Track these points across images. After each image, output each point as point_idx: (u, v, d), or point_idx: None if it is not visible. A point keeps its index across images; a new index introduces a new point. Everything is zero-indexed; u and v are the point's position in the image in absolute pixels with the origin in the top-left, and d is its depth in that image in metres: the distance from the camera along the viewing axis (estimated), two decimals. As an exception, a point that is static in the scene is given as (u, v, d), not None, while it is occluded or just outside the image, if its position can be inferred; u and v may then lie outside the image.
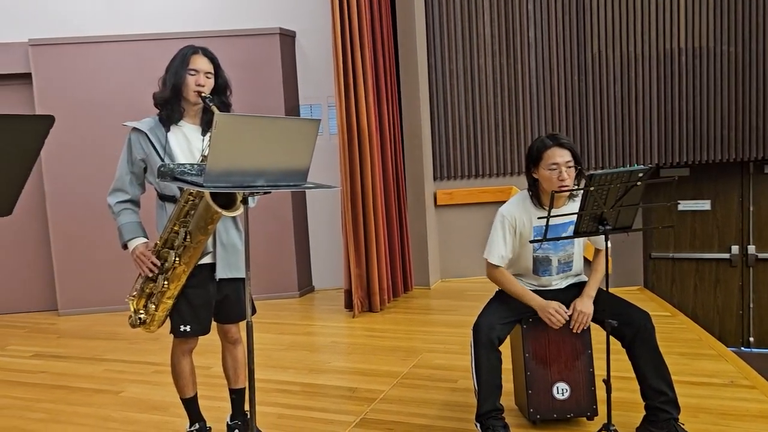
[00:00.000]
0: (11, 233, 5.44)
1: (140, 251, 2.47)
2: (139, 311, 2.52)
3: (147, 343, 4.34)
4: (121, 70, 5.16)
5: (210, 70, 2.50)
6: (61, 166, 5.23)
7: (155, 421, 3.11)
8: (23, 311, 5.53)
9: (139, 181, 2.58)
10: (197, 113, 2.56)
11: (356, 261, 4.89)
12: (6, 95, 5.39)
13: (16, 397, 3.53)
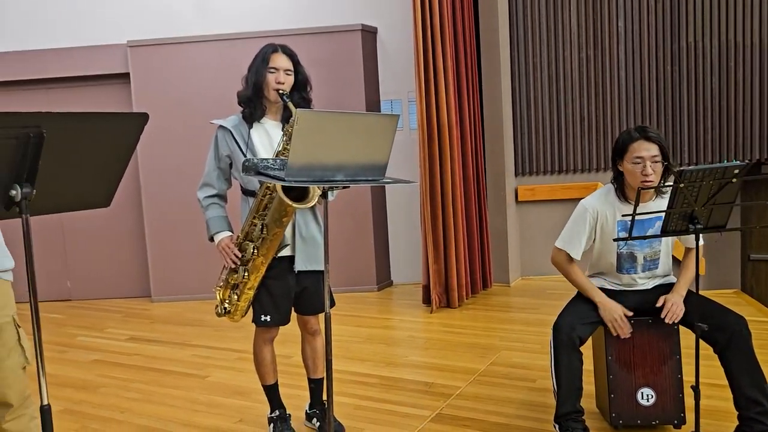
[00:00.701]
0: (110, 224, 5.81)
1: (225, 244, 2.58)
2: (224, 301, 2.63)
3: (231, 331, 4.51)
4: (210, 68, 5.38)
5: (289, 68, 2.57)
6: (156, 161, 5.52)
7: (238, 405, 3.24)
8: (120, 297, 5.90)
9: (225, 176, 2.69)
10: (278, 110, 2.63)
11: (434, 256, 4.88)
12: (106, 94, 5.74)
13: (114, 377, 3.77)
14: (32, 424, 2.11)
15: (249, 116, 2.60)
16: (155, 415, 3.17)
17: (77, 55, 5.59)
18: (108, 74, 5.64)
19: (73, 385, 3.65)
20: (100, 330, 4.85)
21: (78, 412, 3.27)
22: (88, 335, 4.72)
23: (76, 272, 5.93)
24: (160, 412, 3.21)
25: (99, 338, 4.63)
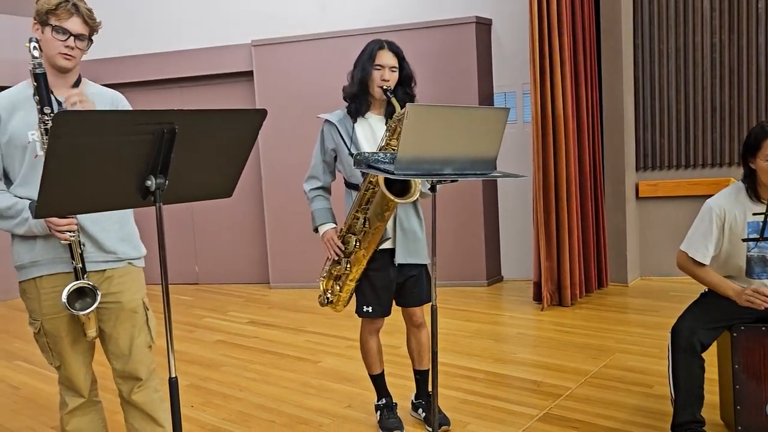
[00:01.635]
0: (232, 214, 6.18)
1: (328, 236, 2.67)
2: (327, 291, 2.73)
3: (343, 319, 4.66)
4: (328, 64, 5.56)
5: (395, 65, 2.60)
6: (276, 154, 5.80)
7: (347, 392, 3.35)
8: (241, 282, 6.26)
9: (330, 169, 2.78)
10: (382, 104, 2.69)
11: (547, 253, 4.76)
12: (231, 91, 6.10)
13: (234, 357, 4.02)
14: (156, 396, 2.31)
15: (354, 111, 2.67)
16: (270, 395, 3.35)
17: (206, 55, 5.98)
18: (233, 72, 5.99)
19: (199, 363, 3.94)
20: (223, 313, 5.18)
21: (203, 387, 3.52)
22: (213, 317, 5.06)
23: (203, 258, 6.37)
24: (274, 392, 3.39)
25: (222, 320, 4.95)
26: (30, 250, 2.07)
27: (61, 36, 2.00)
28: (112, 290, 2.16)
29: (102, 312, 2.17)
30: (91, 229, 2.10)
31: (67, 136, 1.35)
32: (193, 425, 3.03)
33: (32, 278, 2.10)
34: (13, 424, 3.19)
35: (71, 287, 1.99)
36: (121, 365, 2.24)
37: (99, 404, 2.33)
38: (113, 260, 2.16)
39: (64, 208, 1.57)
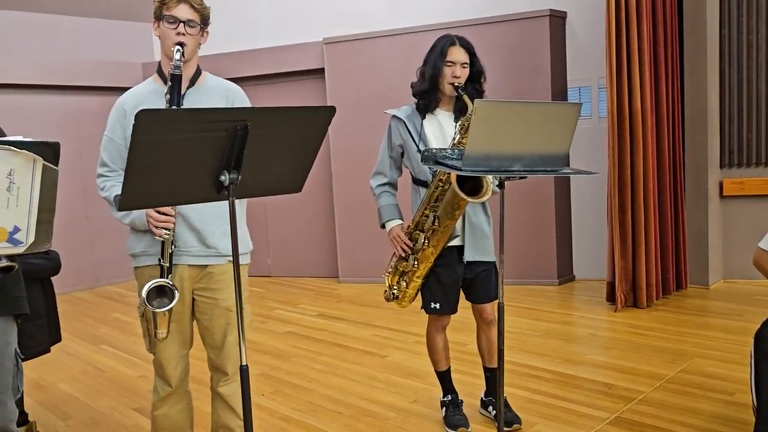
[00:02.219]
0: (303, 208, 6.31)
1: (395, 232, 2.68)
2: (393, 287, 2.75)
3: (410, 315, 4.65)
4: (398, 61, 5.58)
5: (466, 61, 2.58)
6: (346, 151, 5.88)
7: (413, 387, 3.36)
8: (311, 276, 6.39)
9: (397, 165, 2.79)
10: (451, 101, 2.67)
11: (622, 252, 4.60)
12: (303, 88, 6.23)
13: (304, 349, 4.12)
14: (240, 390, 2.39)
15: (423, 108, 2.66)
16: (338, 387, 3.41)
17: (280, 53, 6.13)
18: (306, 70, 6.11)
19: (270, 353, 4.06)
20: (294, 305, 5.31)
21: (273, 377, 3.63)
22: (284, 309, 5.19)
23: (275, 251, 6.55)
24: (342, 384, 3.45)
25: (293, 312, 5.07)
26: (140, 241, 2.21)
27: (171, 24, 2.08)
28: (212, 287, 2.25)
29: (200, 304, 2.27)
30: (196, 223, 2.18)
31: (148, 133, 1.42)
32: (264, 413, 3.12)
33: (141, 266, 2.24)
34: (98, 404, 3.39)
35: (152, 284, 2.09)
36: (213, 355, 2.33)
37: (188, 394, 2.43)
38: (214, 255, 2.23)
39: (144, 202, 1.65)
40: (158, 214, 2.07)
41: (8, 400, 1.99)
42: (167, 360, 2.30)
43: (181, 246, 2.19)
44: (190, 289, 2.25)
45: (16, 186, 1.51)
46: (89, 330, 4.87)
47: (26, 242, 1.57)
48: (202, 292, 2.26)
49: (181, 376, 2.35)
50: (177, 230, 2.16)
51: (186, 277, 2.22)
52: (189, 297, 2.26)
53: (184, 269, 2.21)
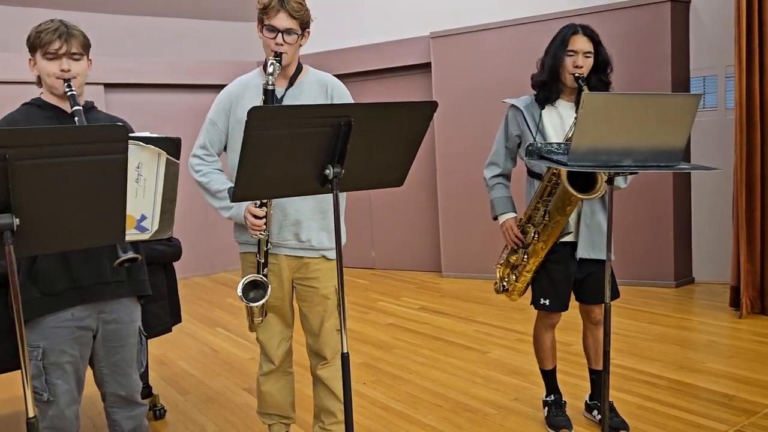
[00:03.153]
0: (407, 202, 6.36)
1: (508, 225, 2.64)
2: (503, 279, 2.71)
3: (514, 312, 4.60)
4: (507, 54, 5.48)
5: (589, 50, 2.48)
6: (451, 144, 5.86)
7: (515, 384, 3.31)
8: (414, 269, 6.44)
9: (512, 155, 2.74)
10: (573, 91, 2.56)
11: (748, 255, 4.26)
12: (409, 83, 6.27)
13: (405, 341, 4.17)
14: (338, 374, 2.48)
15: (542, 99, 2.58)
16: (437, 381, 3.42)
17: (387, 48, 6.20)
18: (412, 65, 6.14)
19: (372, 343, 4.14)
20: (396, 297, 5.38)
21: (374, 366, 3.70)
22: (387, 301, 5.27)
23: (379, 244, 6.66)
24: (442, 378, 3.46)
25: (395, 305, 5.14)
26: (244, 233, 2.36)
27: (271, 33, 2.18)
28: (309, 276, 2.37)
29: (299, 292, 2.41)
30: (293, 218, 2.31)
31: (260, 129, 1.49)
32: (365, 401, 3.20)
33: (245, 252, 2.41)
34: (212, 382, 3.62)
35: (247, 279, 2.26)
36: (311, 341, 2.46)
37: (291, 375, 2.58)
38: (308, 248, 2.34)
39: (255, 193, 1.75)
40: (253, 218, 2.19)
41: (133, 372, 2.18)
42: (268, 339, 2.46)
43: (280, 239, 2.32)
44: (290, 277, 2.39)
45: (143, 178, 1.65)
46: (206, 313, 5.20)
47: (151, 229, 1.71)
48: (301, 281, 2.39)
49: (283, 355, 2.49)
50: (277, 224, 2.28)
51: (285, 267, 2.36)
52: (289, 284, 2.40)
53: (283, 259, 2.35)
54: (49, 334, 1.96)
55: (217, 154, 2.40)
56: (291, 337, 2.52)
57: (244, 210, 2.23)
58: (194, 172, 2.39)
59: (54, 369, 1.98)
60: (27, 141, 1.27)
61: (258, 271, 2.28)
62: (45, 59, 1.94)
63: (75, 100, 1.91)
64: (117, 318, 2.09)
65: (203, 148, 2.39)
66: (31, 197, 1.30)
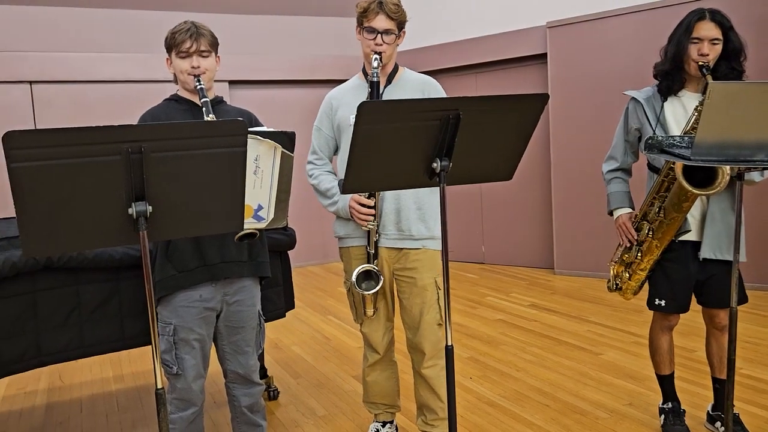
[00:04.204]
0: (519, 196, 6.23)
1: (622, 221, 2.53)
2: (616, 277, 2.60)
3: (630, 313, 4.38)
4: (630, 43, 5.21)
5: (717, 37, 2.30)
6: (566, 137, 5.66)
7: (629, 389, 3.16)
8: (525, 265, 6.30)
9: (633, 149, 2.61)
10: (699, 81, 2.40)
11: None
12: (523, 75, 6.11)
13: (513, 337, 4.10)
14: (442, 374, 2.50)
15: (665, 90, 2.44)
16: (546, 380, 3.34)
17: (501, 40, 6.09)
18: (526, 56, 5.99)
19: (480, 338, 4.11)
20: (505, 293, 5.29)
21: (481, 362, 3.68)
22: (496, 296, 5.21)
23: (489, 239, 6.57)
24: (551, 377, 3.37)
25: (504, 301, 5.06)
26: (345, 227, 2.48)
27: (370, 35, 2.29)
28: (408, 266, 2.43)
29: (399, 283, 2.48)
30: (394, 209, 2.39)
31: (369, 123, 1.53)
32: (470, 396, 3.19)
33: (345, 247, 2.52)
34: (323, 368, 3.75)
35: (360, 269, 2.36)
36: (410, 335, 2.51)
37: (395, 365, 2.66)
38: (408, 239, 2.40)
39: (364, 186, 1.79)
40: (361, 207, 2.29)
41: (252, 353, 2.32)
42: (373, 330, 2.55)
43: (381, 230, 2.40)
44: (390, 268, 2.46)
45: (260, 170, 1.75)
46: (318, 301, 5.40)
47: (267, 219, 1.81)
48: (400, 272, 2.45)
49: (387, 345, 2.58)
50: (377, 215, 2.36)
51: (385, 258, 2.44)
52: (389, 275, 2.48)
53: (383, 250, 2.43)
54: (180, 313, 2.13)
55: (327, 158, 2.54)
56: (393, 328, 2.60)
57: (348, 201, 2.33)
58: (308, 176, 2.56)
59: (183, 345, 2.14)
60: (159, 135, 1.38)
61: (369, 262, 2.36)
62: (178, 58, 2.12)
63: (203, 93, 2.06)
64: (239, 300, 2.23)
65: (314, 153, 2.54)
66: (161, 187, 1.41)
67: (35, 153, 1.29)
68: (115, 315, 2.49)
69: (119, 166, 1.36)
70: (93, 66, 5.87)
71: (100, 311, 2.45)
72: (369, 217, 2.31)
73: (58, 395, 3.52)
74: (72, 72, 5.80)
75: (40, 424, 3.15)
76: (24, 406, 3.39)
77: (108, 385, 3.64)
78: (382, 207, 2.38)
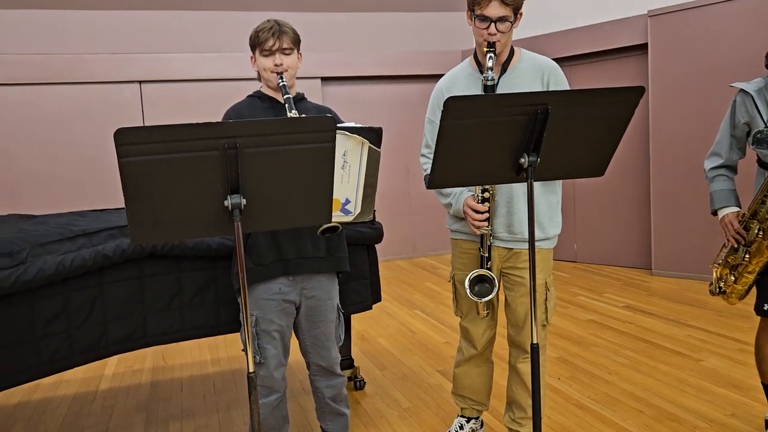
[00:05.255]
0: (615, 193, 5.98)
1: (728, 220, 2.38)
2: (720, 280, 2.45)
3: (736, 318, 4.11)
4: (740, 31, 4.87)
5: None
6: (668, 132, 5.38)
7: (731, 399, 2.98)
8: (619, 265, 6.05)
9: (739, 145, 2.45)
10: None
11: None
12: (622, 67, 5.86)
13: (605, 339, 3.95)
14: (542, 369, 2.44)
15: None
16: (641, 385, 3.20)
17: (598, 31, 5.86)
18: (624, 47, 5.73)
19: (569, 338, 4.00)
20: (598, 293, 5.11)
21: (570, 362, 3.58)
22: (588, 296, 5.04)
23: (582, 236, 6.37)
24: (646, 382, 3.23)
25: (596, 301, 4.89)
26: (456, 222, 2.45)
27: (483, 23, 2.15)
28: (518, 266, 2.37)
29: (507, 281, 2.42)
30: (505, 210, 2.32)
31: (455, 118, 1.53)
32: (559, 397, 3.11)
33: (455, 239, 2.49)
34: (408, 361, 3.79)
35: (473, 274, 2.31)
36: (514, 333, 2.46)
37: (490, 364, 2.61)
38: (519, 240, 2.34)
39: (450, 181, 1.78)
40: (475, 213, 2.23)
41: (332, 346, 2.37)
42: (474, 325, 2.50)
43: (492, 231, 2.33)
44: (499, 267, 2.40)
45: (348, 165, 1.79)
46: (405, 295, 5.44)
47: (354, 212, 1.85)
48: (510, 271, 2.39)
49: (486, 342, 2.53)
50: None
51: (495, 257, 2.38)
52: (497, 274, 2.41)
53: (494, 250, 2.37)
54: (261, 305, 2.21)
55: None
56: (495, 326, 2.54)
57: (462, 205, 2.30)
58: (423, 170, 2.50)
59: (264, 335, 2.23)
60: (253, 131, 1.45)
61: (481, 266, 2.32)
62: (262, 56, 2.18)
63: (285, 90, 2.12)
64: (317, 295, 2.28)
65: (427, 147, 2.49)
66: (254, 180, 1.48)
67: (142, 149, 1.38)
68: (212, 302, 2.63)
69: (216, 160, 1.43)
70: (193, 65, 6.20)
71: (198, 298, 2.60)
72: (482, 223, 2.26)
73: (162, 374, 3.76)
74: (175, 71, 6.15)
75: (145, 400, 3.38)
76: (131, 383, 3.65)
77: (206, 367, 3.85)
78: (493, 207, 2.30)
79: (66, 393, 3.53)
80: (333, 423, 2.47)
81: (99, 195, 5.80)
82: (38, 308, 2.27)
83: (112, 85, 6.00)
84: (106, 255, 2.38)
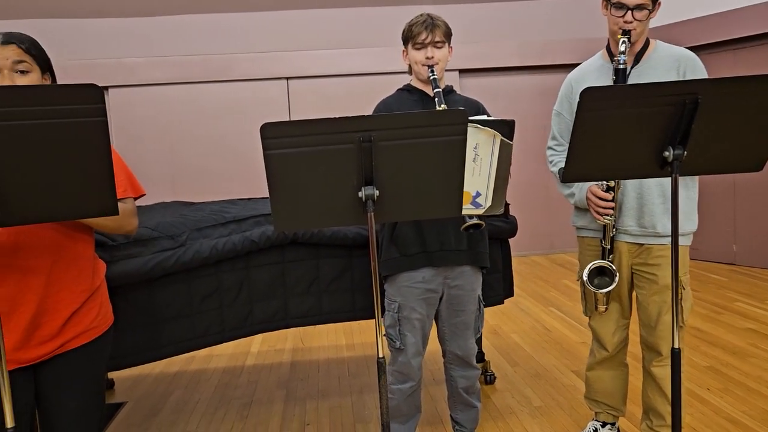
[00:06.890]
0: (787, 190, 5.38)
1: None
2: None
3: None
4: None
5: None
6: None
7: None
8: (789, 270, 5.44)
9: None
10: None
11: None
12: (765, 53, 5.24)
13: (765, 350, 3.59)
14: None
15: None
16: (806, 404, 2.88)
17: (742, 15, 5.28)
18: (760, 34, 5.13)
19: (723, 347, 3.68)
20: (760, 300, 4.65)
21: (723, 373, 3.29)
22: (747, 302, 4.60)
23: (742, 238, 5.80)
24: (812, 402, 2.90)
25: (757, 308, 4.45)
26: (582, 218, 2.39)
27: (618, 12, 2.09)
28: (650, 262, 2.25)
29: (638, 279, 2.31)
30: (635, 203, 2.22)
31: (592, 110, 1.47)
32: (708, 409, 2.88)
33: (582, 236, 2.43)
34: (542, 358, 3.69)
35: (593, 265, 2.24)
36: (645, 333, 2.34)
37: (624, 367, 2.50)
38: (651, 235, 2.22)
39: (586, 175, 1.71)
40: (597, 199, 2.15)
41: (470, 337, 2.38)
42: (603, 325, 2.41)
43: (620, 225, 2.23)
44: (629, 263, 2.30)
45: (479, 157, 1.78)
46: (541, 291, 5.29)
47: (485, 205, 1.85)
48: (641, 268, 2.27)
49: (618, 344, 2.41)
50: (617, 209, 2.21)
51: (624, 252, 2.28)
52: (627, 271, 2.31)
53: (623, 245, 2.28)
54: (404, 292, 2.27)
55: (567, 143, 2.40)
56: (627, 327, 2.43)
57: (586, 192, 2.22)
58: (548, 163, 2.48)
59: (405, 322, 2.29)
60: (387, 125, 1.49)
61: (603, 258, 2.25)
62: (414, 49, 2.22)
63: (436, 83, 2.15)
64: (460, 285, 2.30)
65: (553, 139, 2.46)
66: (387, 172, 1.52)
67: (284, 142, 1.48)
68: (348, 288, 2.74)
69: (352, 153, 1.49)
70: (335, 61, 6.44)
71: (335, 284, 2.73)
72: (607, 210, 2.17)
73: (300, 355, 3.99)
74: (319, 67, 6.44)
75: (285, 378, 3.60)
76: (273, 361, 3.90)
77: (341, 351, 4.02)
78: (621, 200, 2.22)
79: (217, 366, 3.86)
80: (464, 414, 2.48)
81: (247, 185, 6.24)
82: (194, 287, 2.51)
83: (261, 82, 6.41)
84: (253, 240, 2.57)
